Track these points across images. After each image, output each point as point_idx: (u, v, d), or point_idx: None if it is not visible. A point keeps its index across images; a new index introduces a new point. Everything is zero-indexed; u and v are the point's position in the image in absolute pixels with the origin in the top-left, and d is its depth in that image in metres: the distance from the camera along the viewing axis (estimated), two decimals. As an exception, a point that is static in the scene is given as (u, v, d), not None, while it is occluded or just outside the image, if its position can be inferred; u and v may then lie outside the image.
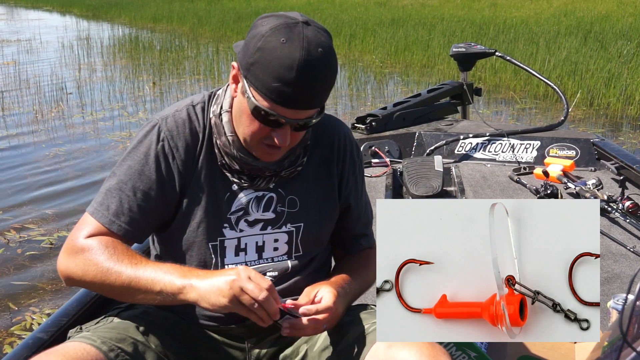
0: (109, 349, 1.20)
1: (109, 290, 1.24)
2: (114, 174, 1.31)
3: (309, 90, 1.18)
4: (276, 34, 1.16)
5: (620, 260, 2.41)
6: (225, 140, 1.31)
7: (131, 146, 1.32)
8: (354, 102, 8.21)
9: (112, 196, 1.29)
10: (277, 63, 1.15)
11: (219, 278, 1.17)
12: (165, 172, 1.30)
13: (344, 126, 1.47)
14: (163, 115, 1.34)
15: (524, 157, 3.63)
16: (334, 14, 16.03)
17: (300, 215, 1.38)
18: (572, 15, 13.50)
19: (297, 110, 1.20)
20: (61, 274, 1.29)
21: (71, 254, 1.26)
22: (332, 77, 1.22)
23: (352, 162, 1.45)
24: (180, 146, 1.31)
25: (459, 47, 4.19)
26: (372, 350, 1.22)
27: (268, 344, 1.41)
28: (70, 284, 1.29)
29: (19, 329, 3.06)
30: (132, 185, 1.29)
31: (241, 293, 1.15)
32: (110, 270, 1.22)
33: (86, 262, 1.23)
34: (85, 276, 1.24)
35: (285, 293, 1.38)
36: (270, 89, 1.17)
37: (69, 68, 11.19)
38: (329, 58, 1.19)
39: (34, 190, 4.99)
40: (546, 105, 7.61)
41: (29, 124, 7.22)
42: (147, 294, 1.21)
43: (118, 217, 1.28)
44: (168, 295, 1.19)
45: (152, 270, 1.21)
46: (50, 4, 28.88)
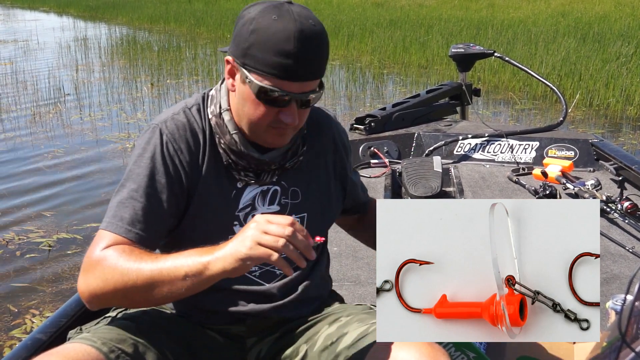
0: (110, 350, 1.19)
1: (134, 291, 1.17)
2: (122, 186, 1.28)
3: (309, 60, 1.19)
4: (266, 14, 1.20)
5: (619, 261, 2.42)
6: (229, 138, 1.31)
7: (135, 154, 1.30)
8: (352, 102, 8.21)
9: (125, 206, 1.25)
10: (274, 38, 1.17)
11: (237, 236, 1.12)
12: (173, 174, 1.29)
13: (326, 111, 1.51)
14: (162, 119, 1.33)
15: (523, 157, 3.64)
16: (332, 15, 16.03)
17: (303, 206, 1.40)
18: (570, 15, 13.51)
19: (301, 82, 1.21)
20: (82, 295, 1.21)
21: (89, 270, 1.20)
22: (327, 47, 1.24)
23: (343, 144, 1.50)
24: (183, 148, 1.30)
25: (457, 47, 4.19)
26: (372, 350, 1.21)
27: (268, 343, 1.41)
28: (95, 303, 1.22)
29: (20, 332, 3.06)
30: (143, 191, 1.26)
31: (263, 235, 1.08)
32: (130, 270, 1.16)
33: (105, 271, 1.18)
34: (106, 286, 1.17)
35: (289, 288, 1.40)
36: (271, 65, 1.18)
37: (66, 69, 11.17)
38: (321, 28, 1.23)
39: (32, 191, 4.98)
40: (545, 106, 7.62)
41: (27, 125, 7.21)
42: (173, 284, 1.14)
43: (134, 225, 1.24)
44: (195, 276, 1.13)
45: (173, 259, 1.16)
46: (47, 5, 28.81)
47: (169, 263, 1.15)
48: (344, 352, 1.27)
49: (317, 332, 1.36)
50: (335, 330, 1.32)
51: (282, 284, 1.39)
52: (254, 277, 1.38)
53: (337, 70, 10.47)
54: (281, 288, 1.39)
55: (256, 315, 1.38)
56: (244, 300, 1.37)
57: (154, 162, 1.28)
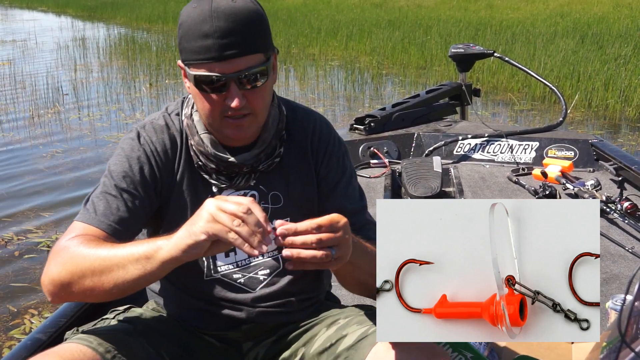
0: (106, 351, 1.19)
1: (88, 275, 1.11)
2: (99, 183, 1.30)
3: (229, 35, 1.16)
4: (188, 6, 1.22)
5: (619, 261, 2.42)
6: (198, 139, 1.31)
7: (115, 154, 1.33)
8: (351, 103, 8.21)
9: (99, 199, 1.26)
10: (193, 25, 1.18)
11: (194, 215, 1.07)
12: (148, 176, 1.29)
13: (317, 114, 1.46)
14: (141, 124, 1.36)
15: (523, 157, 3.64)
16: (331, 15, 16.04)
17: (285, 210, 1.36)
18: (569, 16, 13.52)
19: (230, 60, 1.17)
20: (42, 284, 1.18)
21: (51, 258, 1.17)
22: (253, 17, 1.20)
23: (327, 143, 1.40)
24: (160, 151, 1.31)
25: (457, 47, 4.20)
26: (372, 352, 1.20)
27: (265, 347, 1.40)
28: (54, 293, 1.17)
29: (19, 332, 3.06)
30: (117, 187, 1.27)
31: (219, 213, 1.02)
32: (88, 254, 1.12)
33: (64, 258, 1.14)
34: (63, 271, 1.13)
35: (279, 293, 1.38)
36: (197, 51, 1.18)
37: (64, 69, 11.16)
38: (242, 3, 1.19)
39: (31, 191, 4.98)
40: (545, 107, 7.63)
41: (25, 125, 7.20)
42: (126, 268, 1.09)
43: (107, 217, 1.23)
44: (147, 259, 1.08)
45: (131, 245, 1.13)
46: (45, 5, 28.79)
47: (126, 248, 1.12)
48: (343, 354, 1.27)
49: (315, 335, 1.36)
50: (334, 332, 1.31)
51: (272, 290, 1.37)
52: (238, 284, 1.37)
53: (335, 71, 10.47)
54: (271, 294, 1.38)
55: (250, 322, 1.38)
56: (235, 307, 1.37)
57: (129, 162, 1.30)
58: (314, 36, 13.44)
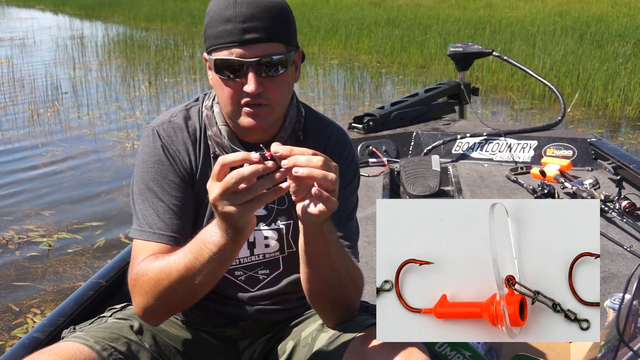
0: (102, 348, 1.20)
1: (173, 289, 1.17)
2: (139, 194, 1.30)
3: (250, 18, 1.18)
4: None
5: (617, 260, 2.42)
6: (216, 129, 1.32)
7: (139, 160, 1.32)
8: (351, 102, 8.20)
9: (148, 211, 1.28)
10: (217, 11, 1.20)
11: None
12: (180, 174, 1.31)
13: (338, 127, 1.45)
14: (159, 122, 1.35)
15: (521, 156, 3.64)
16: (330, 14, 16.03)
17: (289, 212, 1.38)
18: (568, 15, 13.52)
19: (250, 45, 1.18)
20: (139, 315, 1.25)
21: (133, 290, 1.23)
22: (276, 7, 1.21)
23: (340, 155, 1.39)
24: (181, 150, 1.32)
25: (456, 46, 4.20)
26: (349, 346, 1.22)
27: (261, 344, 1.43)
28: (151, 318, 1.24)
29: (21, 331, 3.06)
30: (158, 195, 1.28)
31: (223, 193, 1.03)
32: (164, 274, 1.17)
33: (144, 285, 1.20)
34: (150, 298, 1.19)
35: (278, 293, 1.40)
36: (218, 35, 1.20)
37: (63, 67, 11.14)
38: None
39: (31, 190, 4.97)
40: (544, 106, 7.63)
41: (24, 123, 7.19)
42: (202, 270, 1.13)
43: (163, 229, 1.26)
44: (216, 254, 1.11)
45: (190, 246, 1.15)
46: (42, 3, 28.73)
47: (188, 255, 1.14)
48: (323, 349, 1.28)
49: (304, 329, 1.38)
50: (317, 327, 1.34)
51: (271, 290, 1.39)
52: (239, 281, 1.38)
53: (335, 70, 10.47)
54: (270, 293, 1.39)
55: (248, 319, 1.40)
56: (234, 305, 1.39)
57: (160, 161, 1.30)
58: (313, 35, 13.43)
